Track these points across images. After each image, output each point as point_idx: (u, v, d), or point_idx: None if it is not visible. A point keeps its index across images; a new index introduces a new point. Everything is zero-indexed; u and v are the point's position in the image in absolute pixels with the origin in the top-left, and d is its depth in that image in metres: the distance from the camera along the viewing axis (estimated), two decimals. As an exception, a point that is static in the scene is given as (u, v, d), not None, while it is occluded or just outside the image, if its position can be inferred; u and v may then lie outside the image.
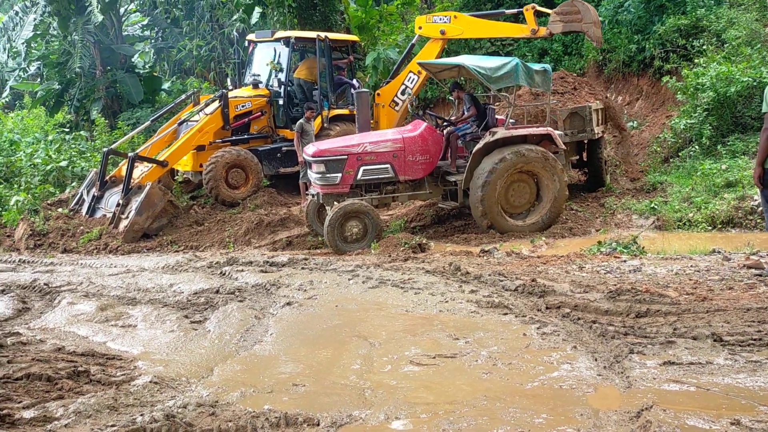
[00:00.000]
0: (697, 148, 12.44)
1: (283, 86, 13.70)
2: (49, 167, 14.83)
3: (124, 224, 11.08)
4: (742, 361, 4.43)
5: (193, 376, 4.71)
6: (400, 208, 11.95)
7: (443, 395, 4.18)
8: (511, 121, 10.03)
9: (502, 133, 9.62)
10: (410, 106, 13.94)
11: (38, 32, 21.64)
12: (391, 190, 9.98)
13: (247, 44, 14.86)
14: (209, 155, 12.62)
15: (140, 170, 12.11)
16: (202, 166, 12.67)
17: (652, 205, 10.48)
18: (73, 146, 16.85)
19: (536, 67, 9.85)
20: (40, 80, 23.39)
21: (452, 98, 11.54)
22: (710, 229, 9.51)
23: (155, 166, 12.12)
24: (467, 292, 6.37)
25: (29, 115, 23.36)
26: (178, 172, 13.59)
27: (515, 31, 13.33)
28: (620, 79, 16.62)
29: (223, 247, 10.52)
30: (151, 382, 4.45)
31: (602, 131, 12.01)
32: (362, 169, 9.65)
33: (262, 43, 14.19)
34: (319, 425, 3.80)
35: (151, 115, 17.47)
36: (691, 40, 14.65)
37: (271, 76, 14.09)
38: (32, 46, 22.38)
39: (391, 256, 8.46)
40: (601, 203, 11.31)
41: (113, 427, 3.67)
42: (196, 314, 6.30)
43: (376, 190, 9.90)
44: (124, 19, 23.62)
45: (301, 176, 12.06)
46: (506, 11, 13.85)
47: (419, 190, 10.11)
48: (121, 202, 11.42)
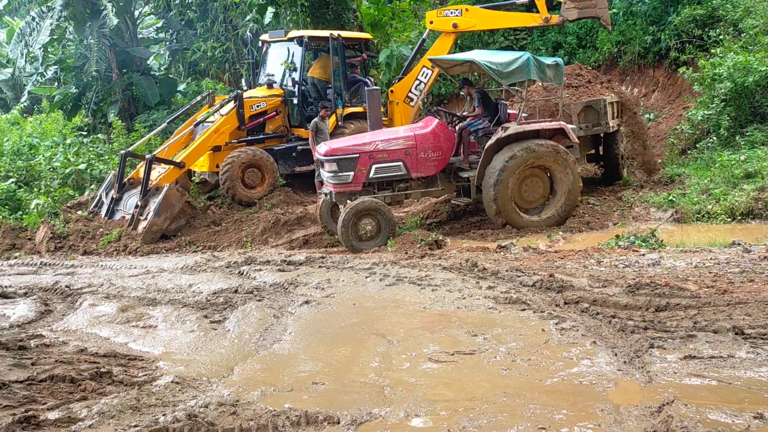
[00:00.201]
0: (715, 139, 12.30)
1: (297, 85, 13.74)
2: (68, 170, 15.00)
3: (142, 225, 11.18)
4: (764, 354, 4.39)
5: (213, 375, 4.76)
6: (415, 204, 11.94)
7: (462, 392, 4.19)
8: (523, 115, 9.97)
9: (514, 128, 9.57)
10: (421, 103, 13.94)
11: (55, 37, 21.86)
12: (403, 187, 9.96)
13: (260, 44, 14.91)
14: (225, 156, 12.69)
15: (158, 172, 12.21)
16: (218, 166, 12.75)
17: (670, 197, 10.38)
18: (91, 149, 17.03)
19: (548, 61, 9.77)
20: (57, 84, 23.65)
21: (463, 94, 11.50)
22: (730, 220, 9.41)
23: (172, 167, 12.21)
24: (485, 288, 6.36)
25: (47, 119, 23.58)
26: (195, 172, 13.68)
27: (528, 20, 13.29)
28: (636, 71, 16.46)
29: (240, 246, 10.58)
30: (172, 382, 4.50)
31: (618, 125, 11.90)
32: (374, 167, 9.65)
33: (275, 43, 14.24)
34: (339, 423, 3.82)
35: (167, 116, 17.60)
36: (707, 30, 14.47)
37: (285, 75, 14.14)
38: (49, 50, 22.63)
39: (407, 253, 8.47)
40: (618, 196, 11.21)
41: (136, 427, 3.72)
42: (215, 314, 6.35)
43: (388, 187, 9.89)
44: (138, 21, 23.81)
45: (316, 175, 12.08)
46: (517, 1, 13.65)
47: (432, 186, 10.08)
48: (139, 203, 11.52)
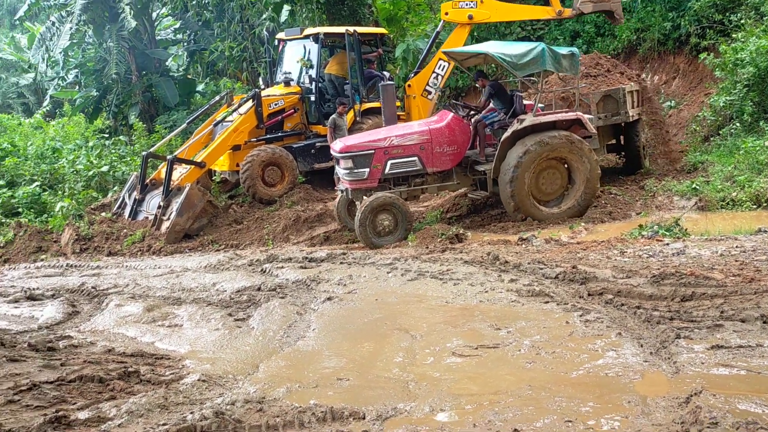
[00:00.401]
0: (738, 125, 12.11)
1: (314, 82, 13.77)
2: (91, 173, 15.19)
3: (165, 226, 11.30)
4: (793, 342, 4.33)
5: (239, 373, 4.80)
6: (435, 198, 11.92)
7: (487, 386, 4.18)
8: (540, 105, 9.88)
9: (530, 120, 9.47)
10: (438, 96, 13.88)
11: (74, 41, 22.14)
12: (419, 182, 9.91)
13: (277, 43, 14.95)
14: (245, 154, 12.77)
15: (179, 172, 12.31)
16: (238, 165, 12.83)
17: (693, 185, 10.25)
18: (113, 151, 17.24)
19: (563, 51, 9.63)
20: (78, 88, 23.95)
21: (478, 86, 11.42)
22: (755, 207, 9.27)
23: (193, 167, 12.31)
24: (507, 281, 6.34)
25: (69, 122, 23.90)
26: (215, 172, 13.79)
27: (541, 13, 13.40)
28: (656, 58, 16.26)
29: (262, 244, 10.65)
30: (199, 380, 4.55)
31: (638, 114, 11.76)
32: (390, 162, 9.61)
33: (291, 40, 14.27)
34: (364, 419, 3.84)
35: (186, 117, 17.75)
36: (728, 14, 14.24)
37: (302, 73, 14.17)
38: (69, 54, 22.91)
39: (428, 247, 8.46)
40: (640, 186, 11.10)
41: (165, 425, 3.76)
42: (239, 312, 6.40)
43: (404, 183, 9.85)
44: (156, 23, 24.01)
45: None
46: None
47: (447, 181, 10.01)
48: (161, 204, 11.64)
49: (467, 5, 13.26)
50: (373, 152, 9.58)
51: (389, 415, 3.87)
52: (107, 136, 20.51)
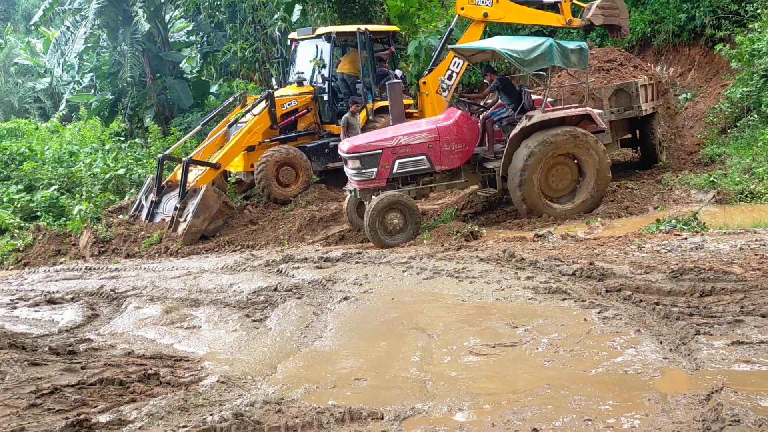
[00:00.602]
0: (756, 116, 11.96)
1: (327, 82, 13.79)
2: (107, 176, 15.35)
3: (182, 227, 11.38)
4: (816, 337, 4.27)
5: (257, 374, 4.82)
6: (450, 196, 11.89)
7: (505, 385, 4.17)
8: (549, 100, 9.79)
9: (538, 116, 9.38)
10: (450, 94, 13.86)
11: (89, 45, 22.33)
12: (428, 181, 9.85)
13: (289, 43, 14.99)
14: (259, 155, 12.83)
15: (194, 174, 12.40)
16: (253, 166, 12.89)
17: (711, 178, 10.13)
18: (129, 154, 17.40)
19: (571, 45, 9.52)
20: (93, 91, 24.16)
21: (486, 81, 11.35)
22: (775, 200, 9.16)
23: (208, 168, 12.39)
24: (523, 278, 6.31)
25: (86, 126, 24.18)
26: (230, 173, 13.86)
27: (552, 20, 13.64)
28: (670, 50, 16.08)
29: (278, 244, 10.69)
30: (218, 381, 4.57)
31: (653, 108, 11.63)
32: (398, 162, 9.56)
33: (303, 40, 14.30)
34: (383, 419, 3.84)
35: (201, 118, 17.85)
36: (743, 4, 14.05)
37: (314, 72, 14.20)
38: (84, 58, 23.12)
39: (443, 245, 8.44)
40: (657, 179, 10.99)
41: (185, 427, 3.79)
42: (256, 313, 6.43)
43: (413, 182, 9.81)
44: (169, 26, 24.15)
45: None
46: (544, 0, 13.94)
47: (456, 179, 9.94)
48: (178, 205, 11.72)
49: (483, 3, 13.27)
50: (380, 152, 9.53)
51: (407, 415, 3.87)
52: (123, 139, 20.70)
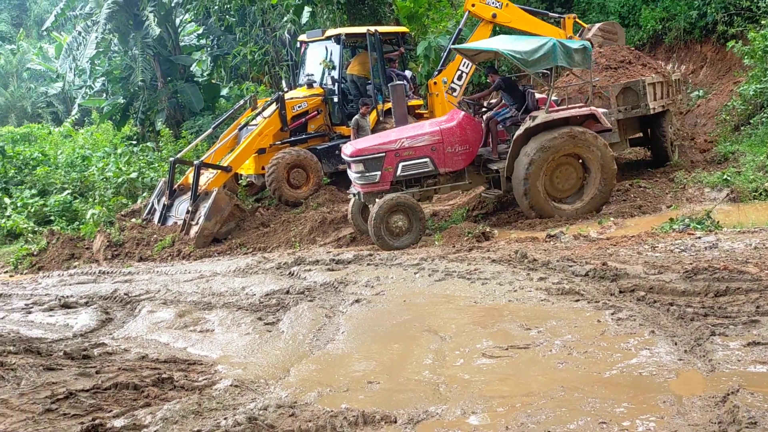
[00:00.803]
0: (769, 113, 11.86)
1: (336, 84, 13.81)
2: (120, 179, 15.44)
3: (194, 230, 11.43)
4: (833, 338, 4.23)
5: (271, 377, 4.83)
6: (460, 197, 11.86)
7: (519, 387, 4.15)
8: (554, 98, 9.72)
9: (542, 117, 9.29)
10: (460, 94, 13.84)
11: (101, 50, 22.51)
12: (432, 183, 9.80)
13: (299, 45, 15.02)
14: (270, 157, 12.85)
15: (206, 177, 12.45)
16: (264, 168, 12.92)
17: (724, 176, 10.05)
18: (141, 158, 17.49)
19: (575, 45, 9.42)
20: (105, 96, 24.36)
21: (489, 81, 11.30)
22: (790, 198, 9.07)
23: (220, 171, 12.43)
24: (536, 279, 6.29)
25: (98, 130, 24.34)
26: (241, 176, 13.91)
27: (553, 33, 13.76)
28: (682, 47, 15.98)
29: (289, 246, 10.71)
30: (231, 385, 4.58)
31: (663, 106, 11.52)
32: (401, 165, 9.50)
33: (313, 42, 14.33)
34: (396, 422, 3.84)
35: (212, 122, 17.93)
36: (756, 0, 13.93)
37: (324, 74, 14.22)
38: (96, 63, 23.31)
39: (455, 246, 8.43)
40: (670, 178, 10.91)
41: (199, 431, 3.81)
42: (269, 315, 6.44)
43: (416, 184, 9.76)
44: (180, 30, 24.29)
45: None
46: (550, 14, 14.57)
47: (460, 180, 9.89)
48: (190, 209, 11.77)
49: (493, 3, 13.34)
50: (383, 155, 9.48)
51: (421, 418, 3.86)
52: (135, 142, 20.83)
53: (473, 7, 13.51)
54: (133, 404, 4.30)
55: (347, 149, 9.87)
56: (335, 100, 13.87)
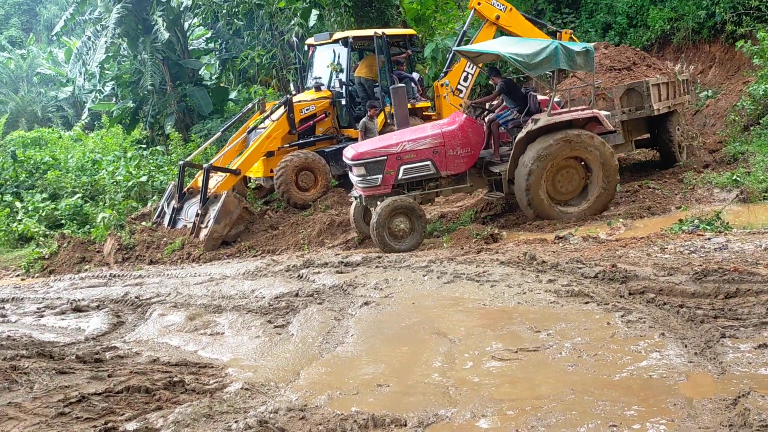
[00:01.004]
0: (779, 113, 11.80)
1: (344, 86, 13.83)
2: (130, 183, 15.52)
3: (204, 233, 11.47)
4: None
5: (281, 380, 4.86)
6: (469, 198, 11.86)
7: (529, 390, 4.16)
8: (556, 100, 9.68)
9: (544, 120, 9.25)
10: (466, 95, 13.85)
11: (110, 54, 22.64)
12: (433, 186, 9.78)
13: (306, 48, 15.07)
14: (278, 160, 12.89)
15: (215, 180, 12.50)
16: (272, 171, 12.96)
17: (734, 177, 10.00)
18: (151, 161, 17.57)
19: (577, 48, 9.36)
20: (115, 100, 24.49)
21: (492, 83, 11.27)
22: (800, 198, 9.02)
23: (229, 174, 12.48)
24: (545, 281, 6.28)
25: (108, 134, 24.46)
26: (250, 179, 13.96)
27: None
28: (690, 47, 15.91)
29: (298, 249, 10.74)
30: (242, 388, 4.61)
31: (668, 107, 11.46)
32: (403, 168, 9.47)
33: (321, 45, 14.36)
34: (406, 425, 3.85)
35: (221, 125, 17.99)
36: (764, 0, 13.86)
37: (332, 77, 14.24)
38: (105, 67, 23.45)
39: (463, 248, 8.43)
40: (679, 179, 10.86)
41: (211, 435, 3.84)
42: (278, 318, 6.47)
43: (418, 187, 9.73)
44: (188, 34, 24.39)
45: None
46: (549, 26, 14.87)
47: (462, 183, 9.87)
48: (199, 212, 11.82)
49: (498, 6, 13.39)
50: (385, 158, 9.45)
51: (431, 421, 3.88)
52: (145, 146, 20.93)
53: (479, 5, 13.53)
54: (144, 407, 4.34)
55: (348, 152, 9.85)
56: (343, 102, 13.89)
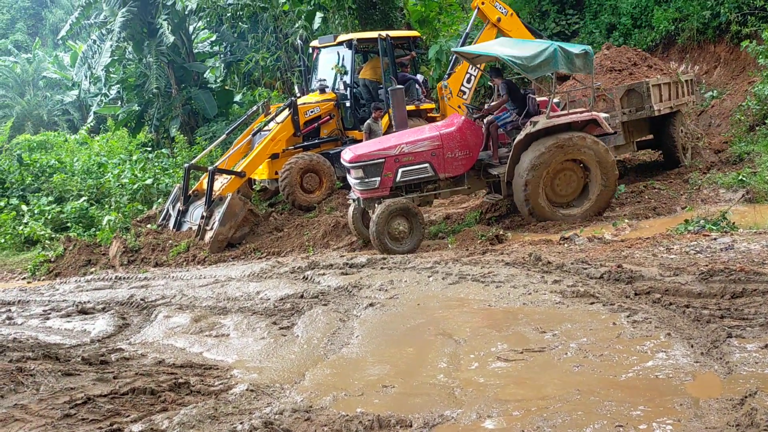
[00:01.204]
0: (785, 113, 11.76)
1: (349, 88, 13.84)
2: (135, 186, 15.58)
3: (209, 235, 11.49)
4: None
5: (286, 382, 4.86)
6: (474, 199, 11.85)
7: (534, 391, 4.14)
8: (555, 101, 9.65)
9: (543, 122, 9.21)
10: (470, 97, 13.84)
11: (115, 57, 22.74)
12: (432, 188, 9.74)
13: (311, 51, 15.10)
14: (283, 162, 12.91)
15: (220, 182, 12.53)
16: (277, 173, 12.99)
17: (740, 177, 9.97)
18: (156, 164, 17.64)
19: (576, 50, 9.31)
20: (120, 103, 24.58)
21: (492, 84, 11.23)
22: (807, 198, 8.98)
23: (234, 177, 12.51)
24: (550, 282, 6.27)
25: (113, 137, 24.58)
26: (255, 181, 13.98)
27: None
28: (695, 48, 15.86)
29: (303, 251, 10.74)
30: (247, 390, 4.61)
31: (670, 108, 11.42)
32: (401, 170, 9.43)
33: (325, 48, 14.38)
34: (411, 426, 3.84)
35: (225, 128, 18.05)
36: (770, -1, 13.84)
37: (336, 79, 14.26)
38: (111, 71, 23.54)
39: (468, 249, 8.42)
40: (685, 179, 10.84)
41: (216, 436, 3.84)
42: (283, 320, 6.47)
43: (416, 189, 9.70)
44: (193, 37, 24.48)
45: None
46: (543, 36, 14.82)
47: (460, 185, 9.85)
48: (204, 214, 11.84)
49: (500, 8, 13.42)
50: (383, 161, 9.41)
51: (436, 422, 3.87)
52: (150, 149, 21.01)
53: (483, 5, 13.54)
54: (150, 409, 4.34)
55: (346, 155, 9.81)
56: (347, 104, 13.91)
